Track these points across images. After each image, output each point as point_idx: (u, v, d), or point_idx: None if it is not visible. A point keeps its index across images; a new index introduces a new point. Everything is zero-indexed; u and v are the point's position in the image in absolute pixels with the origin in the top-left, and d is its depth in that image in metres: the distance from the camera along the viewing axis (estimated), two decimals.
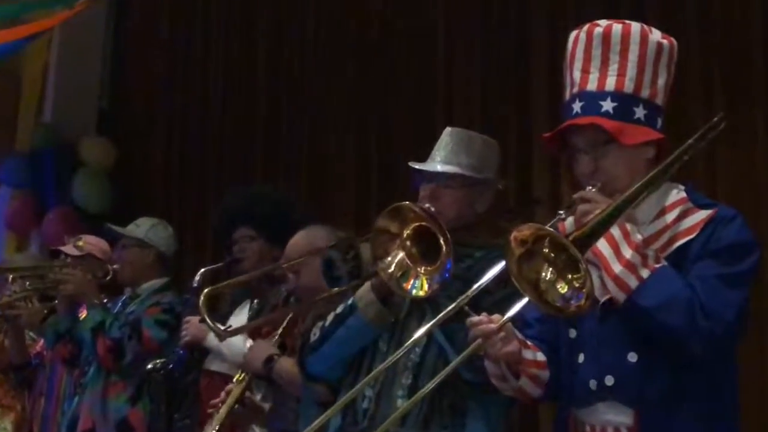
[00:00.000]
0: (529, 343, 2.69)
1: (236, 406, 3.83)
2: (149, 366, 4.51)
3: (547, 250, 2.37)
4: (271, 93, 6.67)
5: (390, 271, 2.88)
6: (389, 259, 2.87)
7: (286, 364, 3.69)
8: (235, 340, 4.32)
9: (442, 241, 2.78)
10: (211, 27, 7.24)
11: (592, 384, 2.58)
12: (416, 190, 3.22)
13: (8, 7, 6.41)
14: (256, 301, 4.43)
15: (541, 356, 2.71)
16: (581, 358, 2.63)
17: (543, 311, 2.48)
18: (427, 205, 2.97)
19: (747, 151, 4.34)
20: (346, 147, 6.12)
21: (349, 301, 3.18)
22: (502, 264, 2.52)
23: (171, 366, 4.45)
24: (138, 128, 7.57)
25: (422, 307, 3.03)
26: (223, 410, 3.86)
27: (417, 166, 3.27)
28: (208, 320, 3.72)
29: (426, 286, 2.85)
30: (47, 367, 5.38)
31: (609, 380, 2.56)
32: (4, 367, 5.40)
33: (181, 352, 4.48)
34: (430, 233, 2.83)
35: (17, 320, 5.15)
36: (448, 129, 3.35)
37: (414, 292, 2.88)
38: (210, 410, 3.95)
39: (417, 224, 2.84)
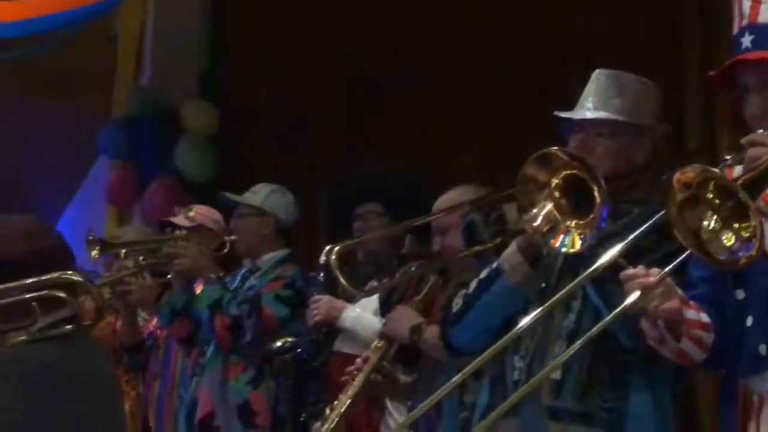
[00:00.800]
0: (691, 303, 2.69)
1: (373, 375, 3.91)
2: (277, 344, 4.63)
3: (711, 196, 2.35)
4: (384, 46, 6.68)
5: (536, 224, 2.85)
6: (535, 211, 2.84)
7: (434, 333, 3.70)
8: (369, 319, 4.46)
9: (595, 191, 2.75)
10: None
11: (762, 349, 2.58)
12: (564, 143, 3.15)
13: None
14: (385, 280, 4.52)
15: (705, 317, 2.69)
16: (750, 321, 2.62)
17: (705, 263, 2.47)
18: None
19: None
20: (468, 101, 6.04)
21: (494, 265, 3.18)
22: (662, 212, 2.48)
23: (300, 349, 4.59)
24: (243, 90, 7.69)
25: (575, 269, 2.98)
26: (360, 377, 3.94)
27: (564, 115, 3.24)
28: (341, 278, 3.81)
29: (578, 243, 2.81)
30: (161, 347, 5.50)
31: None
32: (117, 351, 5.51)
33: (308, 332, 4.62)
34: (581, 183, 2.80)
35: (129, 297, 5.29)
36: (597, 71, 3.29)
37: (564, 249, 2.86)
38: (344, 378, 4.06)
39: (567, 173, 2.80)
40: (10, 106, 7.70)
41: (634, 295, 2.55)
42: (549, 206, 2.84)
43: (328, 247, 4.24)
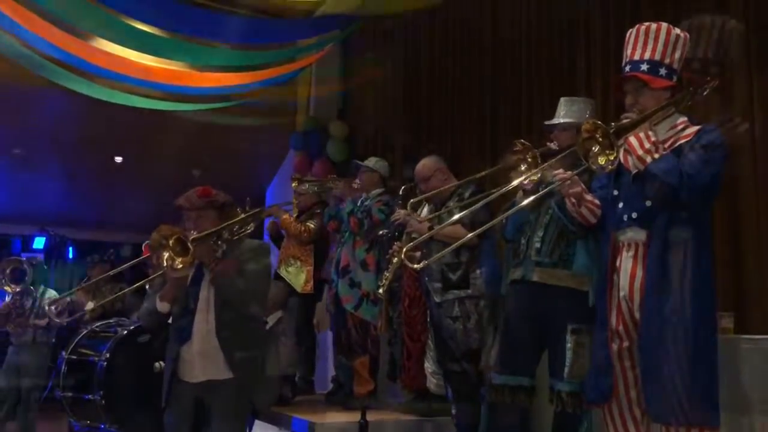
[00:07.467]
0: (590, 195, 2.74)
1: None
2: (380, 233, 4.61)
3: (598, 136, 2.35)
4: None
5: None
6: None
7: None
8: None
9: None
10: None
11: (625, 218, 2.59)
12: None
13: (287, 51, 6.48)
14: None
15: (596, 200, 2.73)
16: (620, 204, 2.63)
17: (593, 171, 2.47)
18: None
19: None
20: None
21: None
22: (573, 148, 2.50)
23: (389, 234, 4.53)
24: (360, 116, 7.45)
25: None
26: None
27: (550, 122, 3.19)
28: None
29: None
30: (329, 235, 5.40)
31: (634, 215, 2.56)
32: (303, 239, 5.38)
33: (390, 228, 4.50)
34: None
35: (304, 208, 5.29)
36: (562, 99, 3.23)
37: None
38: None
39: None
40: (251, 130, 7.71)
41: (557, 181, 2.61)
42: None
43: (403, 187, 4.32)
